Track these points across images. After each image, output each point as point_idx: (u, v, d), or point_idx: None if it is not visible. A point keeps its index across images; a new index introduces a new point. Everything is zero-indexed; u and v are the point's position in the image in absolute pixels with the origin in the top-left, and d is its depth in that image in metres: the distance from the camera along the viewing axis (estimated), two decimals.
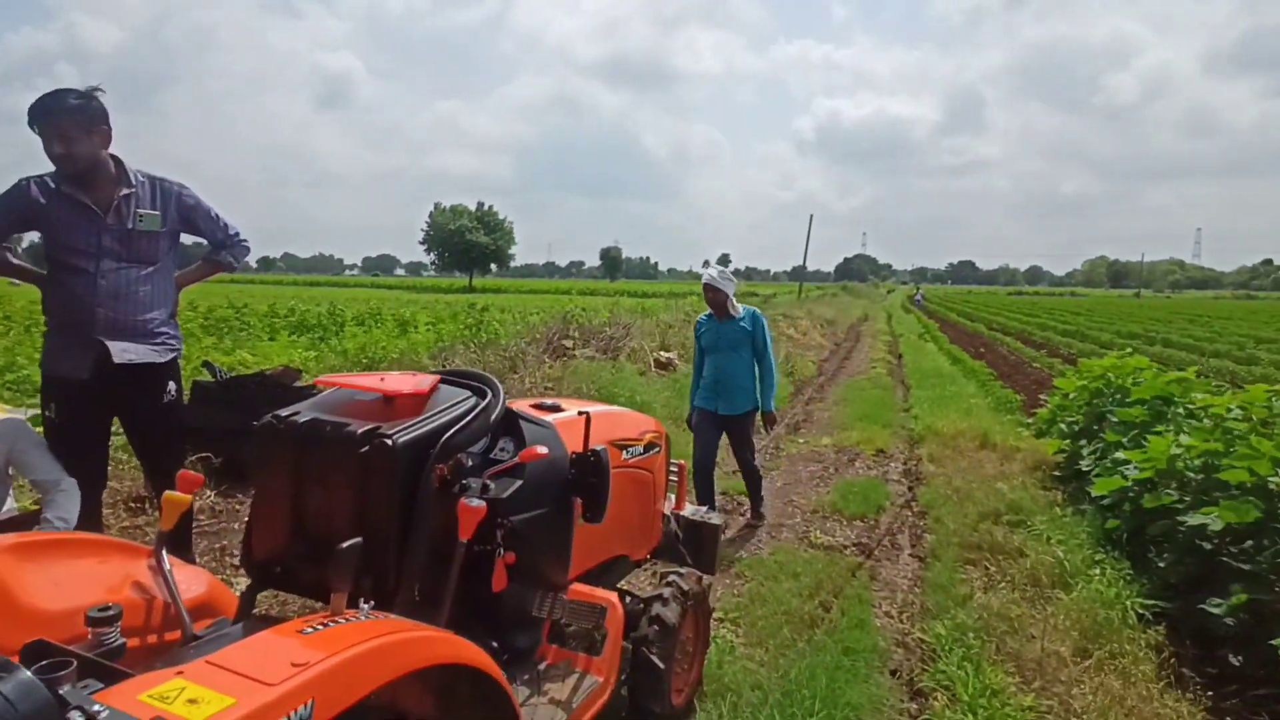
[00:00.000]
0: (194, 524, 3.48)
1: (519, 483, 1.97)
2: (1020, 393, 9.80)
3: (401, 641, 1.21)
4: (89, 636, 1.35)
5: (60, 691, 0.83)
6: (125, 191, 2.66)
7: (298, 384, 4.75)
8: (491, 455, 2.11)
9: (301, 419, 1.67)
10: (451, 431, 1.68)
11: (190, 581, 1.65)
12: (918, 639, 3.26)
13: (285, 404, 4.47)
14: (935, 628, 3.24)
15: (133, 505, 4.07)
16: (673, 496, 3.22)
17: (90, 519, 2.64)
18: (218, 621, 1.66)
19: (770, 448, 7.08)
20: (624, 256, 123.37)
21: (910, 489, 5.68)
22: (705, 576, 2.81)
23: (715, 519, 3.29)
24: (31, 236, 2.78)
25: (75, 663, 0.97)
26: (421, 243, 69.54)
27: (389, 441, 1.55)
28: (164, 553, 1.62)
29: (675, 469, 3.28)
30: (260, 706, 0.95)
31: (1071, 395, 6.29)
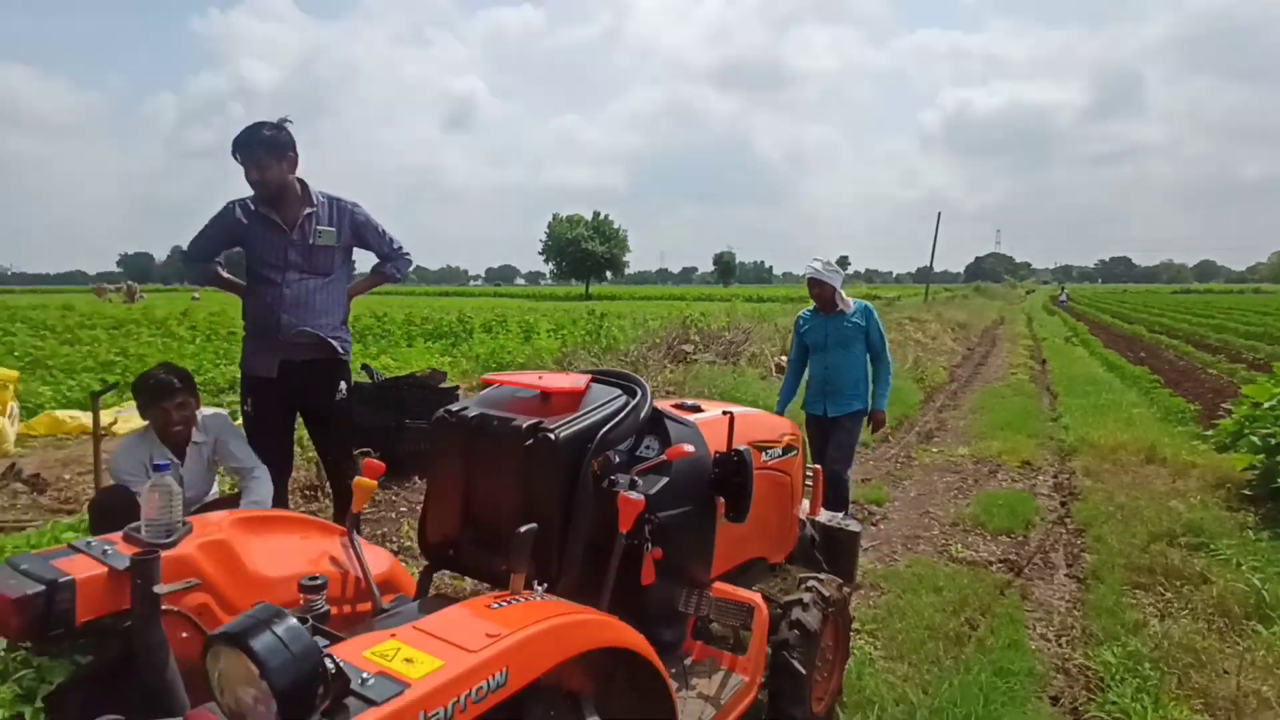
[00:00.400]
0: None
1: (665, 480, 2.00)
2: (1194, 402, 8.85)
3: (579, 622, 1.26)
4: (301, 602, 1.50)
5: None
6: (308, 210, 2.97)
7: (442, 385, 5.06)
8: (637, 453, 2.15)
9: (471, 413, 1.78)
10: (607, 427, 1.74)
11: (376, 560, 1.80)
12: (1081, 665, 3.01)
13: (433, 403, 4.77)
14: (1102, 654, 2.98)
15: (307, 493, 4.47)
16: (807, 502, 3.17)
17: (279, 503, 2.94)
18: (399, 597, 1.80)
19: (900, 456, 6.80)
20: (737, 261, 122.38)
21: (1063, 504, 5.27)
22: (845, 584, 2.74)
23: (854, 525, 3.20)
24: (231, 252, 3.13)
25: (310, 619, 1.09)
26: (540, 252, 72.12)
27: (551, 435, 1.63)
28: (355, 533, 1.78)
29: (810, 473, 3.23)
30: (465, 671, 1.03)
31: (1266, 405, 5.63)
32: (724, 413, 2.17)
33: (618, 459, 2.14)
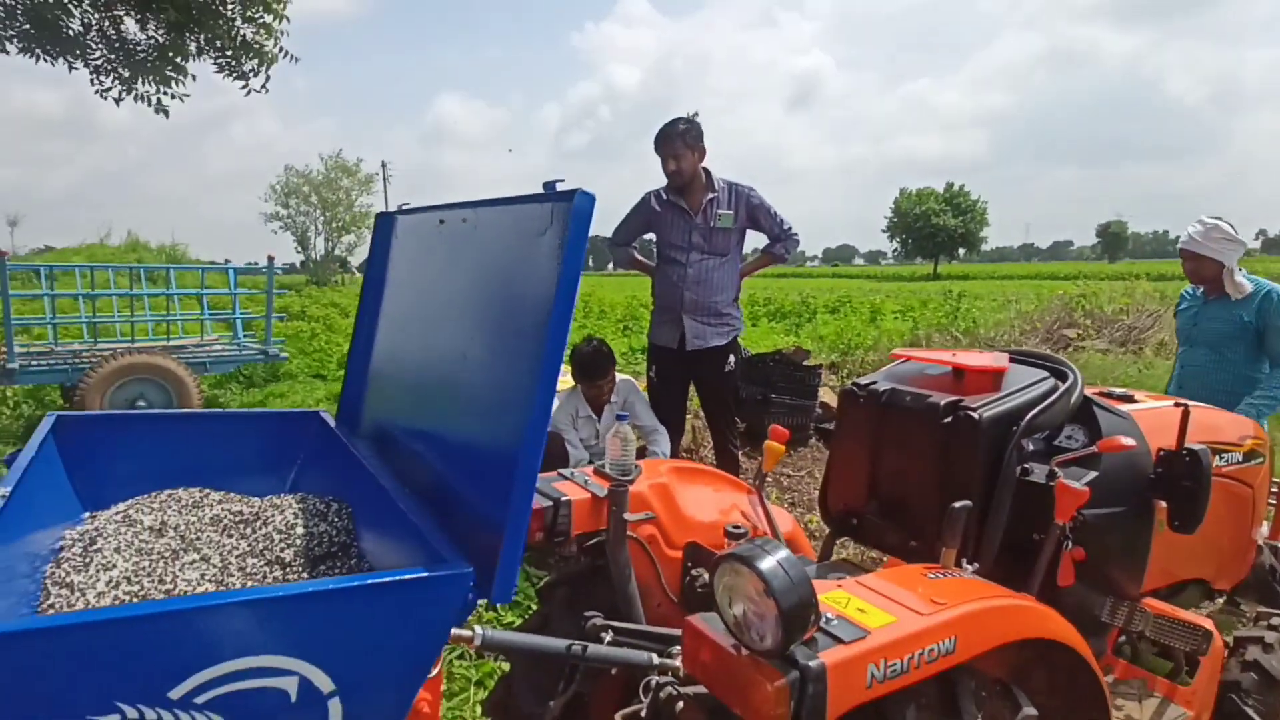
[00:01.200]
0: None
1: (1093, 474, 1.82)
2: None
3: (1022, 608, 1.24)
4: (725, 546, 1.71)
5: None
6: (710, 196, 3.31)
7: (806, 363, 5.21)
8: (1056, 442, 1.99)
9: (880, 388, 1.83)
10: (1036, 410, 1.64)
11: (781, 519, 1.96)
12: None
13: (795, 379, 4.90)
14: None
15: (685, 454, 5.01)
16: (1268, 524, 2.58)
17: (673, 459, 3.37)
18: (800, 557, 1.94)
19: None
20: (1129, 232, 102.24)
21: None
22: None
23: None
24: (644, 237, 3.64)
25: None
26: (884, 230, 68.75)
27: (974, 415, 1.60)
28: (763, 492, 1.96)
29: (1276, 489, 2.63)
30: (919, 629, 1.09)
31: None
32: (1176, 404, 1.88)
33: (1032, 447, 2.01)
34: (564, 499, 1.63)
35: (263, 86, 5.62)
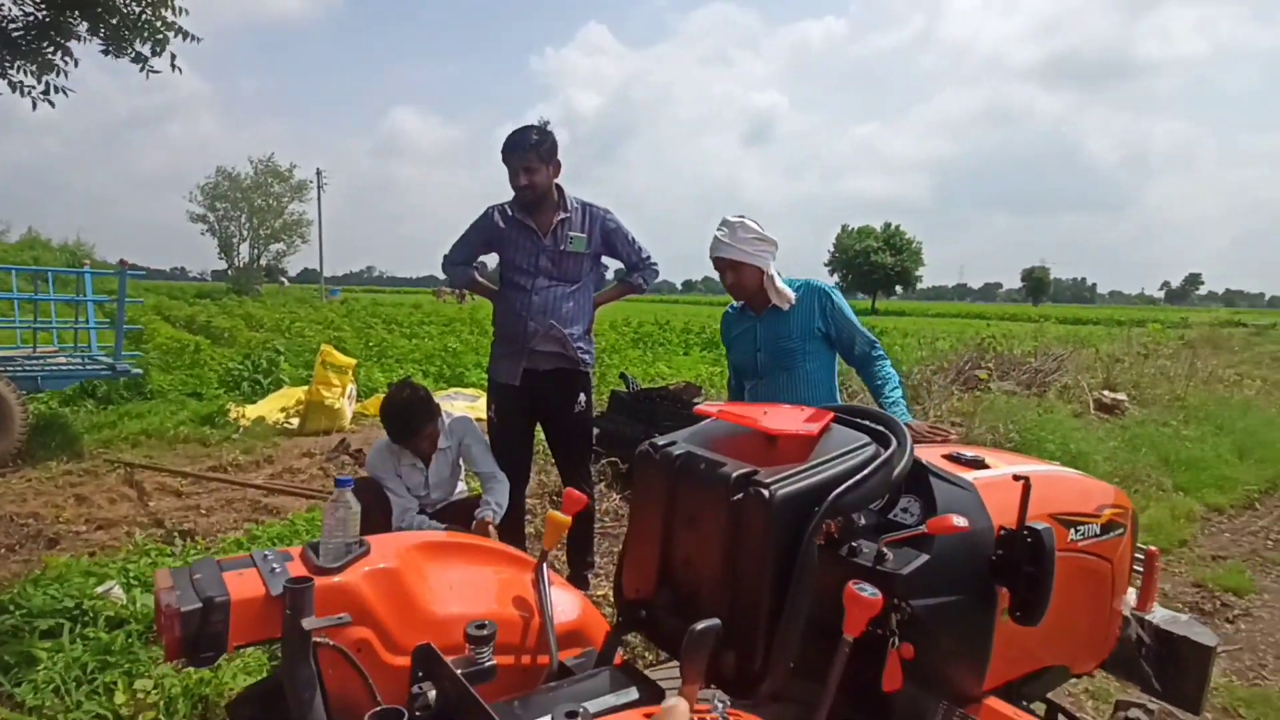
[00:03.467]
0: (597, 525, 3.74)
1: (924, 558, 1.53)
2: None
3: None
4: (465, 650, 1.35)
5: None
6: (562, 216, 2.96)
7: (695, 400, 4.92)
8: (891, 515, 1.70)
9: (676, 450, 1.50)
10: (843, 488, 1.33)
11: (566, 606, 1.61)
12: None
13: (682, 418, 4.62)
14: None
15: (554, 498, 4.62)
16: (1132, 591, 2.37)
17: (515, 509, 2.97)
18: (586, 653, 1.58)
19: (1277, 529, 5.12)
20: (1051, 278, 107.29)
21: None
22: (1185, 716, 1.99)
23: (1206, 636, 2.32)
24: (489, 259, 3.26)
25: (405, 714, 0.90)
26: (826, 264, 70.41)
27: (765, 491, 1.28)
28: (545, 571, 1.61)
29: (1142, 556, 2.41)
30: None
31: None
32: (1015, 477, 1.62)
33: (863, 521, 1.71)
34: (219, 599, 1.22)
35: (174, 67, 5.06)
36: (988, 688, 1.70)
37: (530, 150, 2.85)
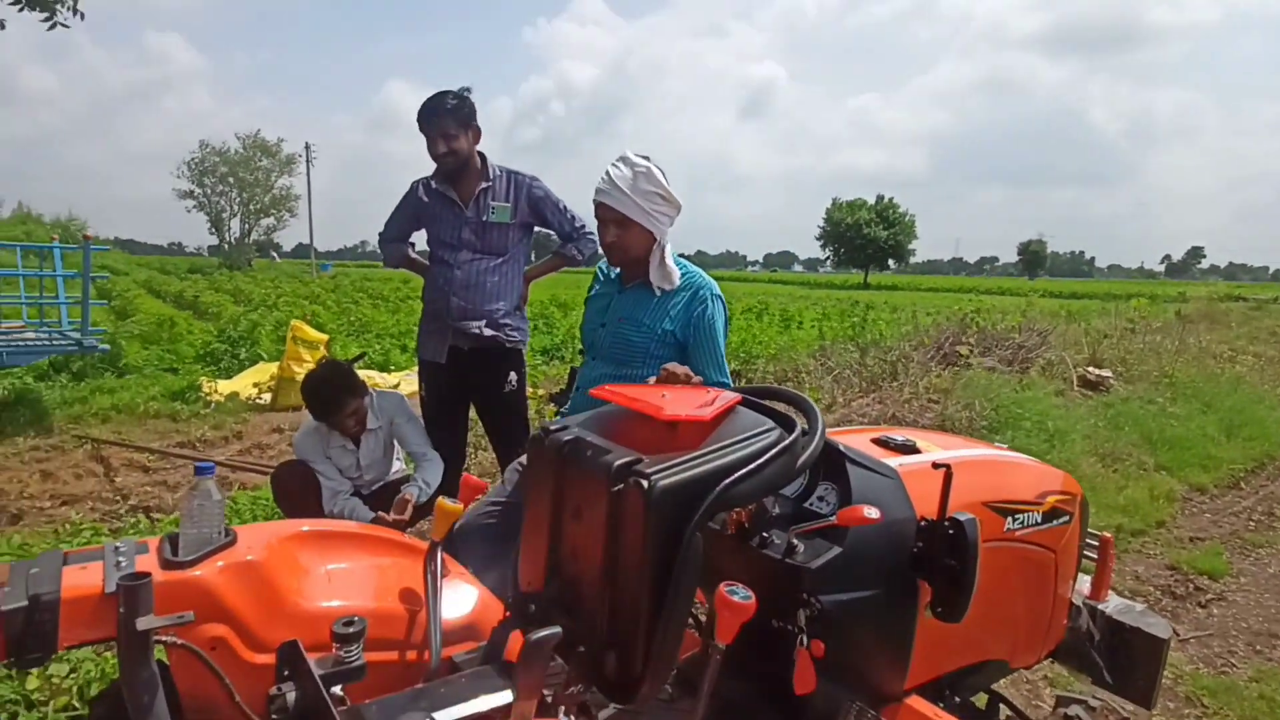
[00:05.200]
0: None
1: (836, 550, 1.44)
2: None
3: None
4: (331, 648, 1.26)
5: None
6: (484, 185, 2.83)
7: None
8: (808, 504, 1.60)
9: (566, 436, 1.39)
10: (732, 479, 1.23)
11: (459, 598, 1.52)
12: None
13: None
14: None
15: (489, 477, 4.52)
16: (1085, 578, 2.28)
17: (449, 490, 2.86)
18: (481, 646, 1.49)
19: (1259, 511, 5.06)
20: (1049, 251, 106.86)
21: None
22: (1135, 710, 1.92)
23: (1160, 628, 2.24)
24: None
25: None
26: (818, 238, 69.99)
27: (644, 482, 1.17)
28: (437, 562, 1.51)
29: (1095, 543, 2.32)
30: None
31: None
32: (935, 465, 1.51)
33: (777, 510, 1.60)
34: (46, 597, 1.13)
35: (77, 13, 4.86)
36: (916, 683, 1.62)
37: (448, 115, 2.71)
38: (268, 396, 7.03)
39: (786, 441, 1.31)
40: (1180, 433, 6.20)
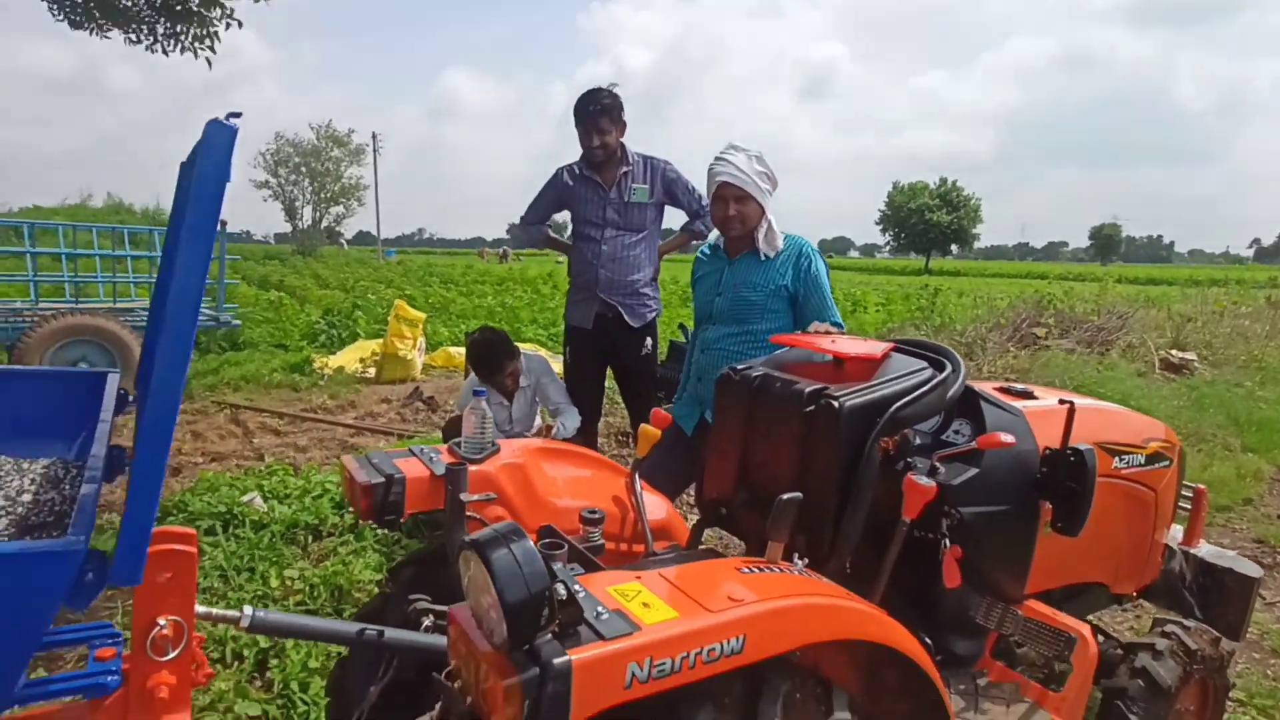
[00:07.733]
0: None
1: (974, 471, 1.73)
2: None
3: (833, 607, 1.16)
4: (580, 532, 1.62)
5: (554, 566, 0.99)
6: (624, 169, 3.20)
7: None
8: (944, 437, 1.90)
9: (755, 373, 1.74)
10: (902, 402, 1.55)
11: (655, 507, 1.88)
12: None
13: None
14: None
15: (620, 437, 4.92)
16: (1179, 528, 2.52)
17: (587, 442, 3.25)
18: (672, 546, 1.85)
19: None
20: (1123, 235, 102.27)
21: None
22: (1224, 640, 2.15)
23: (1251, 568, 2.47)
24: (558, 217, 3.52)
25: (566, 547, 1.17)
26: (878, 223, 68.64)
27: (834, 403, 1.51)
28: (637, 477, 1.87)
29: (1190, 494, 2.55)
30: (699, 628, 1.01)
31: None
32: (1061, 401, 1.80)
33: (918, 440, 1.92)
34: (397, 476, 1.54)
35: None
36: (1034, 591, 1.90)
37: (604, 114, 3.08)
38: (372, 370, 7.60)
39: (941, 376, 1.62)
40: (1270, 415, 6.16)
